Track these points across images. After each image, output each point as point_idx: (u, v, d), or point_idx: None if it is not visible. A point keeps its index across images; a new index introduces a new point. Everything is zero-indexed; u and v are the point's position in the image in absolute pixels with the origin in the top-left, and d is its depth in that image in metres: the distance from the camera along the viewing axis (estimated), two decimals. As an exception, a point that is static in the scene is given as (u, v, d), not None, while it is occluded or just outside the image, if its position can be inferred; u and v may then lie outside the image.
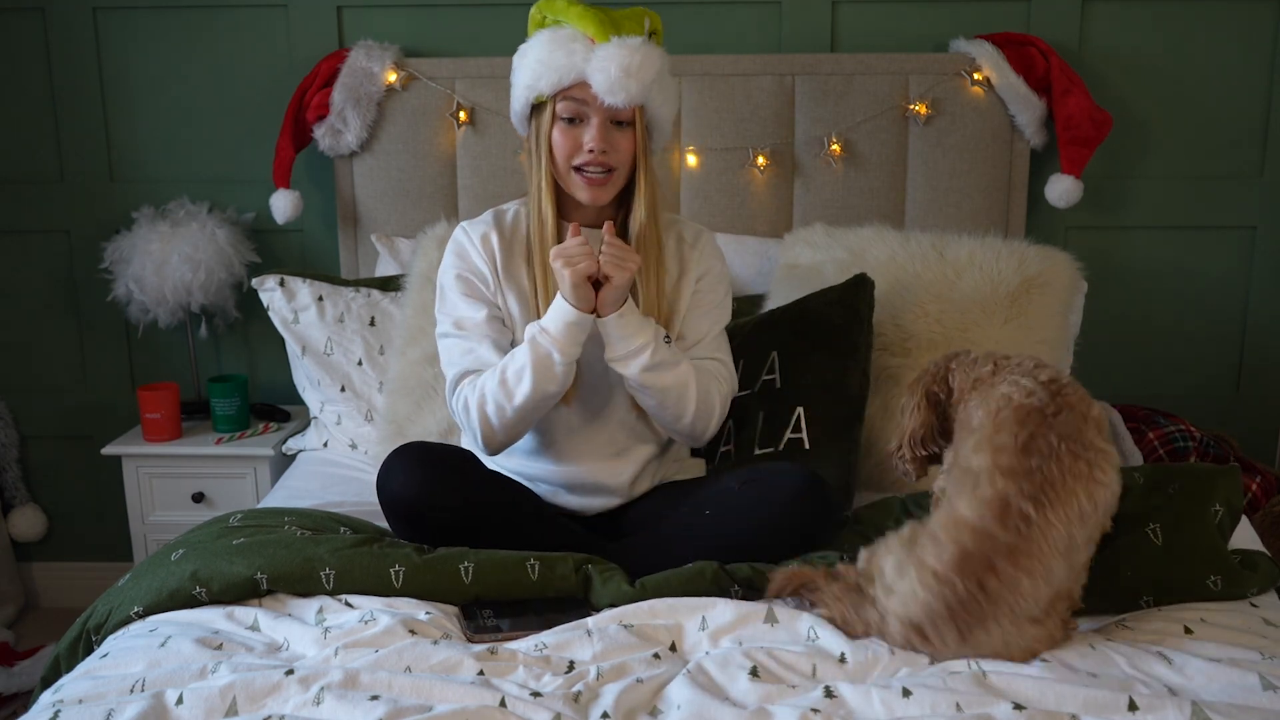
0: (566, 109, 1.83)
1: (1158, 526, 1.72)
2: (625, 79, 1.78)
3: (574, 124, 1.84)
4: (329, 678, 1.42)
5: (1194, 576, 1.69)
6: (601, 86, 1.79)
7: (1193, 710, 1.31)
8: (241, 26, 2.82)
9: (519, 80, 1.88)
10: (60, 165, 2.91)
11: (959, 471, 1.52)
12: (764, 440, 2.11)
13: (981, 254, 2.37)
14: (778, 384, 2.17)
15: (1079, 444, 1.46)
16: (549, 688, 1.42)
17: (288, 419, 2.85)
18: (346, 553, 1.72)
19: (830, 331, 2.17)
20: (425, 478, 1.79)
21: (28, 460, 3.10)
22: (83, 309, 2.98)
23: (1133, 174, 2.83)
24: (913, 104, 2.68)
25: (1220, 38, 2.74)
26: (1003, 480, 1.44)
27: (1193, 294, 2.89)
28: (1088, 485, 1.45)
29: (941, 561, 1.44)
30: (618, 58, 1.77)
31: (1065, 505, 1.43)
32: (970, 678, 1.40)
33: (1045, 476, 1.43)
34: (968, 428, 1.57)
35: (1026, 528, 1.42)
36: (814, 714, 1.34)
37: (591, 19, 1.81)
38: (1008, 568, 1.42)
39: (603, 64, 1.78)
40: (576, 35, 1.82)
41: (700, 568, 1.73)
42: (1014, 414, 1.49)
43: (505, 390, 1.84)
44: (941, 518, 1.49)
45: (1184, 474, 1.82)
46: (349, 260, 2.83)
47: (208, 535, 1.84)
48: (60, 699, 1.44)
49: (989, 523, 1.43)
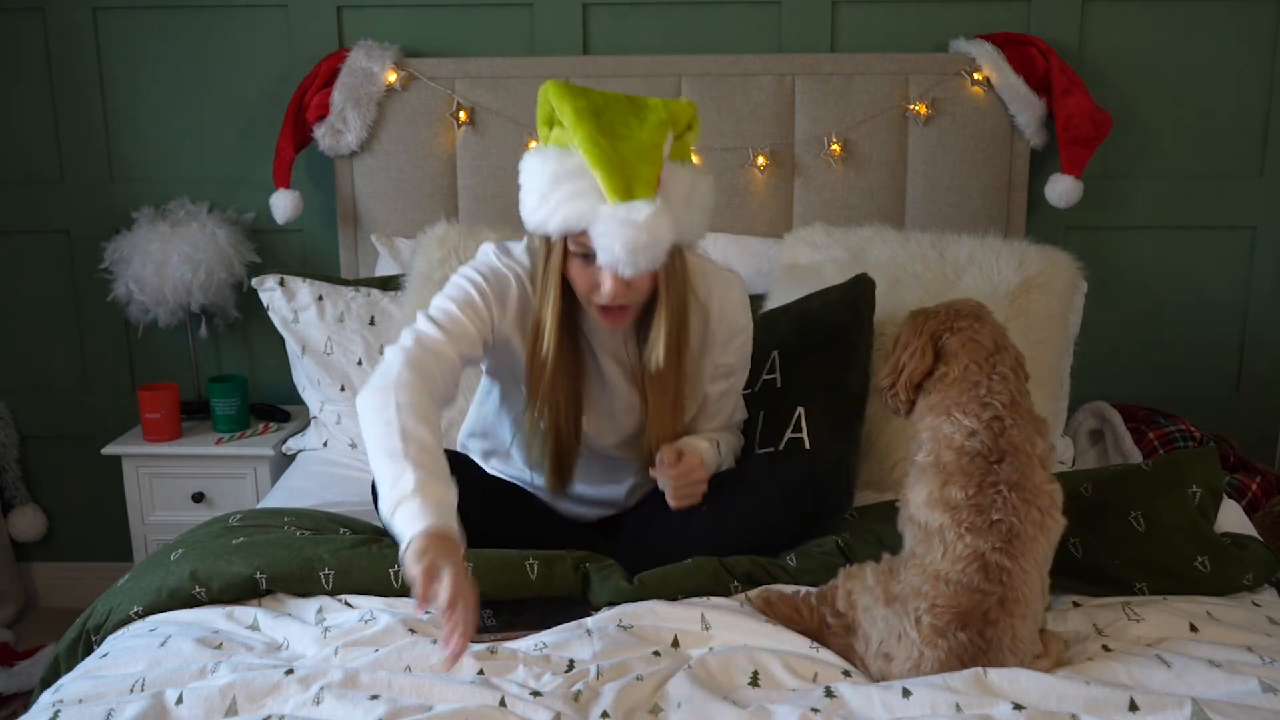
0: (579, 248, 1.67)
1: (1139, 514, 1.76)
2: (632, 257, 1.59)
3: (589, 260, 1.66)
4: (329, 677, 1.42)
5: (1181, 559, 1.73)
6: (606, 260, 1.61)
7: (1193, 709, 1.31)
8: (242, 26, 2.82)
9: (526, 201, 1.70)
10: (60, 165, 2.91)
11: (915, 526, 1.54)
12: (764, 440, 2.11)
13: (981, 254, 2.37)
14: (778, 384, 2.17)
15: (1029, 490, 1.50)
16: (549, 687, 1.42)
17: (288, 419, 2.85)
18: (345, 553, 1.72)
19: (830, 331, 2.17)
20: None
21: (28, 460, 3.10)
22: (83, 309, 2.98)
23: (1133, 174, 2.83)
24: (913, 104, 2.68)
25: (1220, 37, 2.74)
26: (971, 537, 1.47)
27: (1193, 294, 2.89)
28: (1044, 530, 1.50)
29: (942, 620, 1.45)
30: (622, 236, 1.58)
31: (1032, 551, 1.48)
32: (970, 678, 1.40)
33: (1009, 528, 1.47)
34: (918, 441, 1.59)
35: (1008, 577, 1.45)
36: (814, 713, 1.34)
37: (600, 162, 1.59)
38: (1002, 616, 1.45)
39: (608, 239, 1.59)
40: (584, 172, 1.61)
41: (699, 563, 1.73)
42: (957, 462, 1.51)
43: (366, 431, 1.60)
44: (921, 575, 1.49)
45: (1159, 460, 1.85)
46: (349, 260, 2.83)
47: (207, 535, 1.84)
48: (60, 699, 1.44)
49: (973, 577, 1.45)
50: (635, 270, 1.61)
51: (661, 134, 1.62)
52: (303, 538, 1.77)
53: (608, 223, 1.58)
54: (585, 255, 1.66)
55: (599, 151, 1.59)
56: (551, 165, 1.64)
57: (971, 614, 1.45)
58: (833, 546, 1.79)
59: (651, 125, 1.63)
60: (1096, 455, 2.62)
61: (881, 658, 1.50)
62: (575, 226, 1.63)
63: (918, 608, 1.47)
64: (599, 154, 1.59)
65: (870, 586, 1.54)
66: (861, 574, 1.58)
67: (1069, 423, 2.67)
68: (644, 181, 1.59)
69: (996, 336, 1.62)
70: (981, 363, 1.58)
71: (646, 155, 1.61)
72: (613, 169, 1.58)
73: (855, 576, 1.59)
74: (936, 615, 1.45)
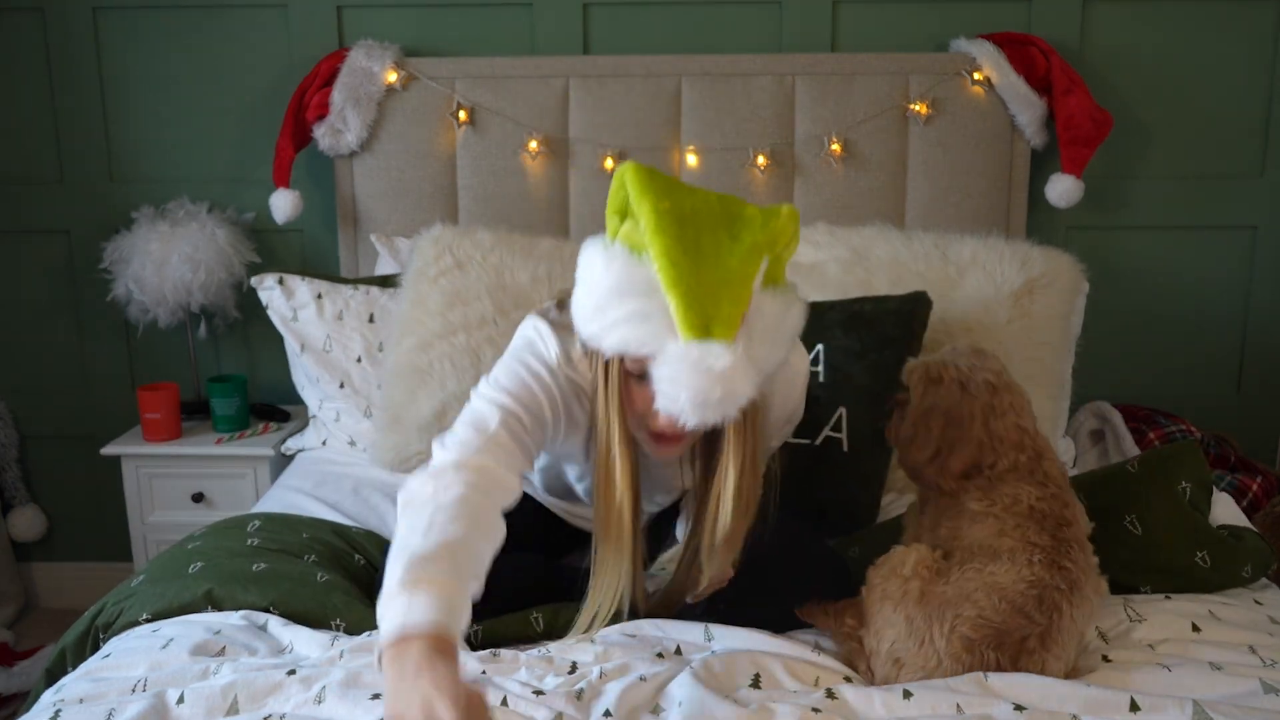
0: (638, 367, 1.43)
1: (1134, 517, 1.76)
2: (700, 411, 1.34)
3: (646, 379, 1.41)
4: (331, 677, 1.41)
5: (1182, 556, 1.73)
6: (667, 407, 1.36)
7: (1194, 710, 1.31)
8: (241, 26, 2.81)
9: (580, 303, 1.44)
10: (60, 165, 2.90)
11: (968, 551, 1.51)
12: (800, 431, 2.04)
13: (984, 254, 2.37)
14: (821, 377, 2.14)
15: (1086, 554, 1.52)
16: (551, 686, 1.42)
17: (287, 419, 2.85)
18: (359, 608, 1.68)
19: (883, 340, 2.14)
20: None
21: (27, 460, 3.10)
22: (83, 309, 2.98)
23: (1133, 174, 2.83)
24: (913, 104, 2.68)
25: (1221, 37, 2.74)
26: (1040, 568, 1.46)
27: (1193, 294, 2.89)
28: (1097, 593, 1.52)
29: (979, 634, 1.43)
30: (691, 384, 1.32)
31: (1084, 608, 1.49)
32: (971, 679, 1.40)
33: (1074, 578, 1.48)
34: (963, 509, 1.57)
35: (1059, 617, 1.45)
36: (815, 714, 1.34)
37: (676, 287, 1.31)
38: (1040, 650, 1.44)
39: (673, 385, 1.33)
40: (655, 290, 1.34)
41: None
42: (1030, 514, 1.52)
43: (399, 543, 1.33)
44: (978, 582, 1.47)
45: (1142, 458, 1.85)
46: (349, 260, 2.83)
47: (226, 550, 1.83)
48: (61, 699, 1.44)
49: (1030, 602, 1.44)
50: (700, 424, 1.37)
51: (755, 261, 1.36)
52: (322, 582, 1.75)
53: (676, 365, 1.32)
54: (643, 375, 1.43)
55: (677, 274, 1.32)
56: (616, 273, 1.37)
57: (1011, 637, 1.43)
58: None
59: (745, 247, 1.36)
60: (1097, 455, 2.62)
61: (890, 662, 1.48)
62: (635, 353, 1.38)
63: (957, 615, 1.44)
64: (677, 276, 1.31)
65: (907, 576, 1.49)
66: (904, 559, 1.52)
67: (1070, 423, 2.67)
68: (726, 321, 1.32)
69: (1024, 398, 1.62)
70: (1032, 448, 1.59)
71: (734, 287, 1.34)
72: (692, 299, 1.31)
73: (894, 561, 1.54)
74: (976, 628, 1.43)
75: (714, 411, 1.34)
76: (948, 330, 2.29)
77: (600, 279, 1.39)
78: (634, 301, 1.35)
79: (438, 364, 2.33)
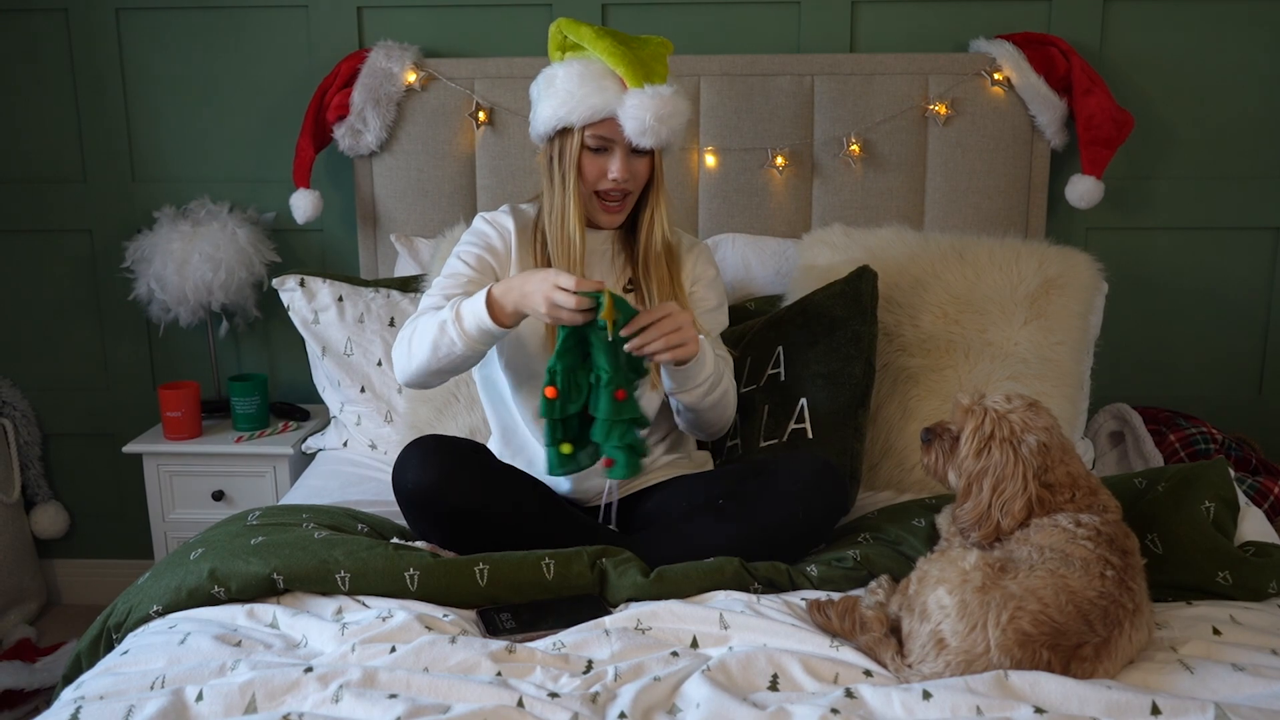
0: (594, 140, 1.93)
1: (1155, 536, 1.74)
2: (658, 126, 1.88)
3: (599, 153, 1.94)
4: (347, 676, 1.42)
5: (1203, 577, 1.72)
6: (633, 130, 1.89)
7: (1216, 713, 1.30)
8: (262, 27, 2.83)
9: (546, 106, 1.95)
10: (83, 165, 2.93)
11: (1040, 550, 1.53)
12: (768, 432, 2.13)
13: (1001, 255, 2.36)
14: (782, 377, 2.18)
15: (1143, 585, 1.55)
16: (567, 688, 1.42)
17: (307, 418, 2.86)
18: (361, 555, 1.72)
19: (832, 323, 2.18)
20: (440, 471, 1.80)
21: (50, 458, 3.12)
22: (104, 308, 3.00)
23: (1154, 175, 2.82)
24: (932, 104, 2.67)
25: (1242, 38, 2.72)
26: (1111, 584, 1.48)
27: (1215, 295, 2.87)
28: (1148, 624, 1.53)
29: (1038, 629, 1.43)
30: (652, 107, 1.87)
31: (1141, 632, 1.50)
32: (991, 680, 1.39)
33: (1138, 600, 1.51)
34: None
35: (1119, 632, 1.46)
36: (833, 714, 1.33)
37: (622, 61, 1.88)
38: (1094, 659, 1.44)
39: (636, 111, 1.87)
40: (607, 72, 1.90)
41: (720, 563, 1.73)
42: (1099, 537, 1.55)
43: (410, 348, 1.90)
44: (1049, 580, 1.47)
45: (1168, 475, 1.84)
46: (368, 260, 2.84)
47: (226, 534, 1.85)
48: (81, 695, 1.45)
49: (1095, 610, 1.45)
50: (658, 140, 1.90)
51: (663, 58, 1.95)
52: (319, 539, 1.78)
53: (636, 98, 1.87)
54: (597, 149, 1.94)
55: (622, 51, 1.88)
56: (574, 72, 1.91)
57: (1069, 640, 1.43)
58: (852, 561, 1.79)
59: (654, 43, 1.96)
60: (1117, 458, 2.61)
61: (934, 642, 1.46)
62: (600, 114, 1.90)
63: (1019, 608, 1.43)
64: (620, 55, 1.88)
65: (967, 570, 1.49)
66: (964, 555, 1.53)
67: (1089, 425, 2.66)
68: (659, 73, 1.91)
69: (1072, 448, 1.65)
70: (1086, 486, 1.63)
71: (658, 57, 1.93)
72: (635, 64, 1.88)
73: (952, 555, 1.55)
74: (1037, 623, 1.42)
75: (666, 126, 1.89)
76: (964, 333, 2.28)
77: (562, 83, 1.91)
78: (594, 83, 1.89)
79: (465, 386, 2.34)
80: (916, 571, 1.57)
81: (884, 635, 1.54)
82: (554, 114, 1.93)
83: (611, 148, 1.93)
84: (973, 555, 1.52)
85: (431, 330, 1.85)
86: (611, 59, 1.89)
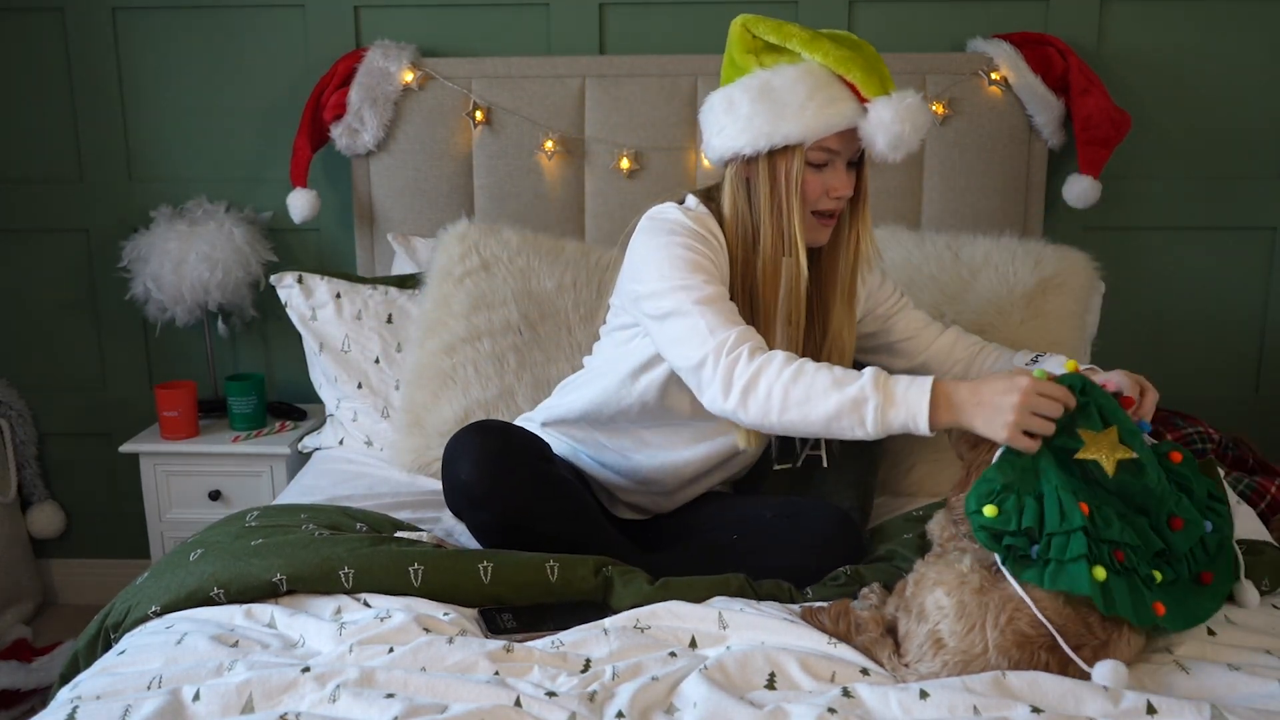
0: (818, 156, 1.76)
1: None
2: (913, 137, 1.71)
3: (819, 169, 1.77)
4: (345, 676, 1.42)
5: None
6: (886, 143, 1.70)
7: (1212, 713, 1.30)
8: (259, 26, 2.83)
9: (762, 120, 1.73)
10: (79, 164, 2.92)
11: None
12: (781, 455, 2.09)
13: (997, 254, 2.36)
14: None
15: None
16: (564, 688, 1.42)
17: (304, 417, 2.86)
18: (365, 551, 1.72)
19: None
20: (494, 471, 1.79)
21: (46, 457, 3.12)
22: (101, 307, 3.00)
23: (1151, 174, 2.82)
24: (930, 103, 2.67)
25: (1240, 37, 2.73)
26: None
27: (1212, 295, 2.87)
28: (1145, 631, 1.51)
29: (1037, 631, 1.43)
30: (908, 117, 1.69)
31: (1140, 635, 1.49)
32: (989, 680, 1.39)
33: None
34: None
35: (1118, 634, 1.45)
36: (830, 714, 1.33)
37: (855, 66, 1.70)
38: (1091, 660, 1.43)
39: (890, 123, 1.69)
40: (832, 79, 1.72)
41: (726, 578, 1.72)
42: None
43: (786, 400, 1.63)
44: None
45: None
46: (365, 259, 2.84)
47: (226, 535, 1.85)
48: (78, 695, 1.45)
49: (1094, 614, 1.44)
50: (910, 151, 1.72)
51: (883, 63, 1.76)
52: (321, 538, 1.77)
53: (887, 109, 1.68)
54: (818, 165, 1.76)
55: (851, 56, 1.70)
56: (799, 76, 1.71)
57: (1067, 641, 1.43)
58: (844, 577, 1.79)
59: (867, 45, 1.77)
60: (1114, 457, 2.61)
61: (931, 642, 1.46)
62: (838, 127, 1.72)
63: (1018, 610, 1.43)
64: (852, 58, 1.70)
65: (964, 573, 1.49)
66: (960, 559, 1.53)
67: (1086, 424, 2.65)
68: (890, 79, 1.73)
69: None
70: None
71: (880, 59, 1.75)
72: (871, 70, 1.70)
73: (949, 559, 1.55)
74: (1035, 625, 1.42)
75: (916, 137, 1.70)
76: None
77: (785, 95, 1.70)
78: (823, 93, 1.70)
79: (461, 369, 2.34)
80: (914, 574, 1.57)
81: (881, 635, 1.54)
82: (775, 129, 1.72)
83: (833, 162, 1.77)
84: (968, 558, 1.52)
85: (834, 400, 1.59)
86: (841, 65, 1.70)
